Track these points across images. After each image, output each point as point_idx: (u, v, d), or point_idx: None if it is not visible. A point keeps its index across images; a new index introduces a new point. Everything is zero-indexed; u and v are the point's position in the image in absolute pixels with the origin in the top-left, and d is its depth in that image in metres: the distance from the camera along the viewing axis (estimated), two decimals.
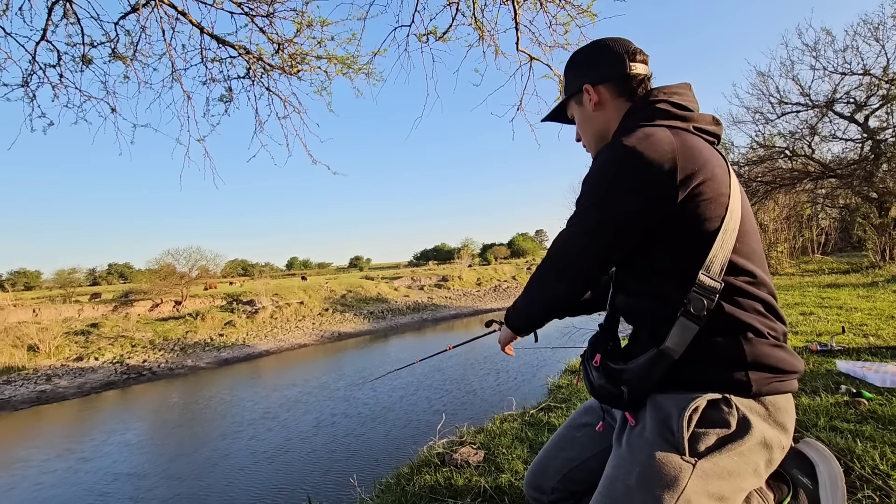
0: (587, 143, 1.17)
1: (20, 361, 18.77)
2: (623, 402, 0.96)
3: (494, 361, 16.36)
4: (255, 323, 25.68)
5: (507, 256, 57.56)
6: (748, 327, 0.89)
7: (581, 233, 0.95)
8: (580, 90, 1.10)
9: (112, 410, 15.31)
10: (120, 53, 3.78)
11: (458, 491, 1.96)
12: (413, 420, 11.49)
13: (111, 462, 10.59)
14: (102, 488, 9.22)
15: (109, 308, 24.70)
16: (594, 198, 0.93)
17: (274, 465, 9.53)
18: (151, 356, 20.87)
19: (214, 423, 13.06)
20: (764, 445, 0.87)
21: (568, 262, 0.98)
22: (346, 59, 4.13)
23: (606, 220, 0.91)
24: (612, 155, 0.90)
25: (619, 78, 1.06)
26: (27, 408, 15.78)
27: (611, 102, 1.07)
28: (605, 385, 0.98)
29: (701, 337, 0.88)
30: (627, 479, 0.89)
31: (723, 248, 0.89)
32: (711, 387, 0.88)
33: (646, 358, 0.91)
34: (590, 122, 1.12)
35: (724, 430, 0.86)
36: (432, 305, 33.44)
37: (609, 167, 0.91)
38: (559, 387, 3.47)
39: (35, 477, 10.05)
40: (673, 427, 0.88)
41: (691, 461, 0.84)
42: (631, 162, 0.87)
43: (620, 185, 0.89)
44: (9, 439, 12.93)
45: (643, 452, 0.89)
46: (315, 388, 15.66)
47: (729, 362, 0.88)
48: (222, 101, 4.15)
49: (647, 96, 1.02)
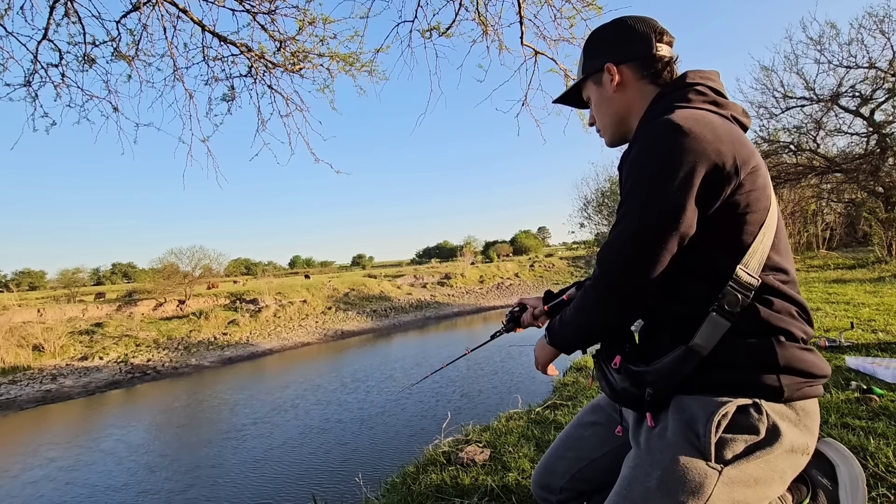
0: (603, 127, 1.09)
1: (25, 361, 18.86)
2: (647, 405, 0.91)
3: (496, 359, 16.35)
4: (259, 322, 25.73)
5: (510, 254, 57.45)
6: (780, 329, 0.84)
7: (643, 233, 0.83)
8: (601, 69, 1.03)
9: (117, 410, 15.38)
10: (122, 52, 3.76)
11: (465, 490, 1.94)
12: (418, 418, 11.49)
13: (116, 460, 10.64)
14: (111, 484, 9.27)
15: (114, 308, 24.78)
16: (652, 188, 0.82)
17: (278, 464, 9.55)
18: (156, 355, 20.94)
19: (219, 422, 13.10)
20: (792, 452, 0.84)
21: (632, 273, 0.84)
22: (348, 56, 4.11)
23: (671, 212, 0.80)
24: (663, 136, 0.82)
25: (644, 58, 0.99)
26: (32, 407, 15.86)
27: (633, 84, 1.01)
28: (628, 388, 0.93)
29: (731, 338, 0.83)
30: (647, 481, 0.85)
31: (762, 242, 0.85)
32: (741, 390, 0.84)
33: (672, 357, 0.86)
34: (609, 104, 1.04)
35: (753, 436, 0.82)
36: (435, 303, 33.43)
37: (664, 150, 0.81)
38: (564, 384, 3.45)
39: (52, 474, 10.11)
40: (699, 431, 0.83)
41: (717, 467, 0.81)
42: (689, 144, 0.79)
43: (682, 171, 0.79)
44: (14, 439, 13.01)
45: (665, 455, 0.85)
46: (318, 386, 15.69)
47: (760, 366, 0.83)
48: (224, 99, 4.14)
49: (681, 78, 0.96)
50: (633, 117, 1.02)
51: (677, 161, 0.80)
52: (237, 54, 4.01)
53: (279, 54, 4.07)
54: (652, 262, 0.83)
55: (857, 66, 12.70)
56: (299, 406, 13.62)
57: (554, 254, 54.90)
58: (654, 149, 0.82)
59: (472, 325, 28.64)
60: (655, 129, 0.84)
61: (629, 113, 1.02)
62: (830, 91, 13.46)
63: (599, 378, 1.03)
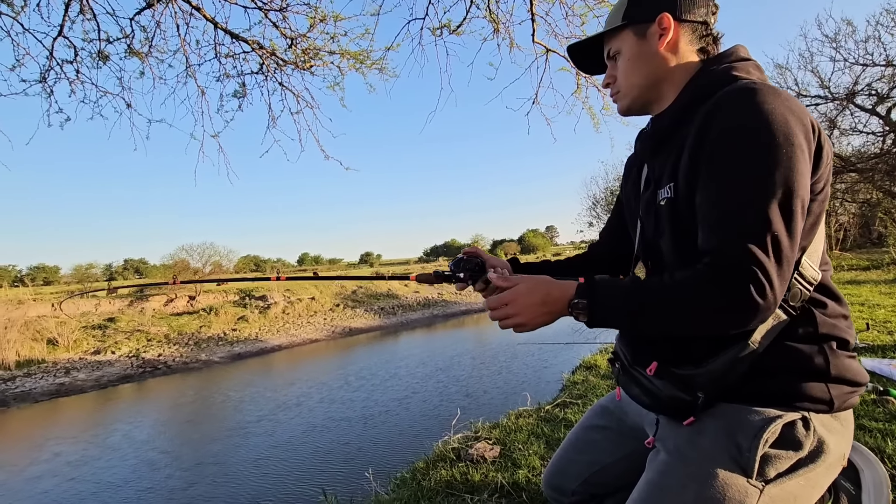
0: (628, 87, 0.93)
1: (40, 354, 19.18)
2: (697, 410, 0.82)
3: (501, 359, 16.33)
4: (268, 318, 25.92)
5: (518, 252, 57.35)
6: (834, 337, 0.79)
7: (766, 222, 0.67)
8: (651, 19, 0.87)
9: (129, 403, 15.60)
10: (135, 49, 3.80)
11: (475, 486, 1.94)
12: (426, 415, 11.52)
13: (125, 454, 10.79)
14: (112, 482, 9.40)
15: (125, 303, 25.11)
16: (766, 170, 0.68)
17: (287, 459, 9.62)
18: (166, 350, 21.19)
19: (228, 417, 13.22)
20: (832, 466, 0.80)
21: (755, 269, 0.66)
22: (359, 54, 4.11)
23: (794, 193, 0.68)
24: (758, 107, 0.70)
25: (704, 24, 0.87)
26: (46, 400, 16.13)
27: (683, 48, 0.88)
28: (678, 395, 0.82)
29: (785, 343, 0.78)
30: (682, 494, 0.79)
31: (819, 236, 0.79)
32: (791, 402, 0.78)
33: (728, 357, 0.78)
34: (647, 62, 0.89)
35: (798, 453, 0.77)
36: (443, 301, 33.46)
37: (765, 121, 0.69)
38: (574, 383, 3.43)
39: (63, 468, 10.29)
40: (742, 444, 0.77)
41: (759, 485, 0.76)
42: (787, 116, 0.69)
43: (791, 148, 0.68)
44: (26, 433, 13.25)
45: (702, 468, 0.79)
46: (325, 384, 15.78)
47: (813, 375, 0.78)
48: (236, 96, 4.17)
49: (735, 50, 0.86)
50: (667, 85, 0.90)
51: (789, 139, 0.68)
52: (249, 51, 4.03)
53: (290, 51, 4.09)
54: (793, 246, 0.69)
55: (873, 64, 12.47)
56: (307, 403, 13.71)
57: (562, 252, 54.67)
58: (754, 127, 0.70)
59: (479, 323, 28.63)
60: (746, 93, 0.72)
61: (665, 79, 0.89)
62: (846, 89, 13.22)
63: (628, 385, 0.93)
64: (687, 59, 0.88)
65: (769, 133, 0.69)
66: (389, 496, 2.04)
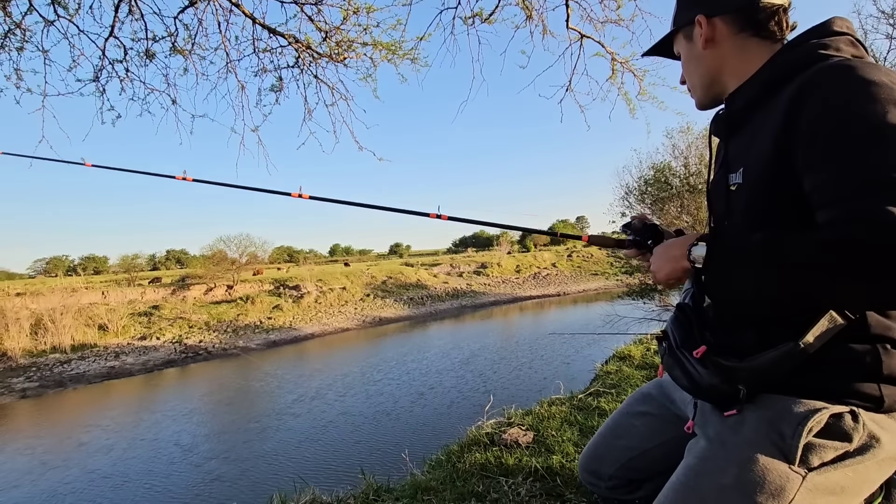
0: (692, 87, 0.99)
1: (92, 339, 20.42)
2: (739, 403, 0.82)
3: (532, 347, 16.27)
4: (301, 307, 26.67)
5: (548, 243, 56.64)
6: (888, 337, 0.75)
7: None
8: (691, 21, 0.91)
9: (175, 386, 16.44)
10: (179, 47, 3.96)
11: (510, 469, 1.98)
12: (457, 402, 11.70)
13: (172, 433, 11.42)
14: (168, 457, 9.98)
15: (168, 291, 26.34)
16: (889, 138, 0.64)
17: (326, 439, 10.02)
18: (207, 337, 22.15)
19: (267, 401, 13.77)
20: (886, 462, 0.78)
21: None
22: (391, 45, 4.15)
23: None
24: (861, 80, 0.68)
25: (746, 8, 0.86)
26: (99, 382, 17.19)
27: (729, 39, 0.88)
28: (718, 385, 0.81)
29: (836, 342, 0.75)
30: (722, 477, 0.80)
31: None
32: (838, 396, 0.77)
33: (775, 355, 0.76)
34: (698, 62, 0.93)
35: (845, 444, 0.76)
36: (471, 292, 33.53)
37: (873, 94, 0.66)
38: (607, 372, 3.42)
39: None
40: (785, 432, 0.77)
41: (801, 472, 0.75)
42: (893, 86, 0.66)
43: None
44: (84, 411, 14.17)
45: (743, 453, 0.79)
46: (359, 371, 16.15)
47: (863, 374, 0.75)
48: (273, 90, 4.29)
49: (828, 24, 0.82)
50: (727, 76, 0.91)
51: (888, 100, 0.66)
52: (285, 45, 4.13)
53: (325, 44, 4.17)
54: None
55: None
56: (342, 388, 14.10)
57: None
58: (863, 108, 0.67)
59: (507, 314, 28.57)
60: (843, 70, 0.70)
61: (721, 72, 0.91)
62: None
63: (671, 367, 0.91)
64: (740, 47, 0.88)
65: (881, 104, 0.66)
66: (425, 476, 2.10)
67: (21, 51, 3.65)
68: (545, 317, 27.14)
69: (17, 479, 9.40)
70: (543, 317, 27.15)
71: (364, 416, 11.32)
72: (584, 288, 36.49)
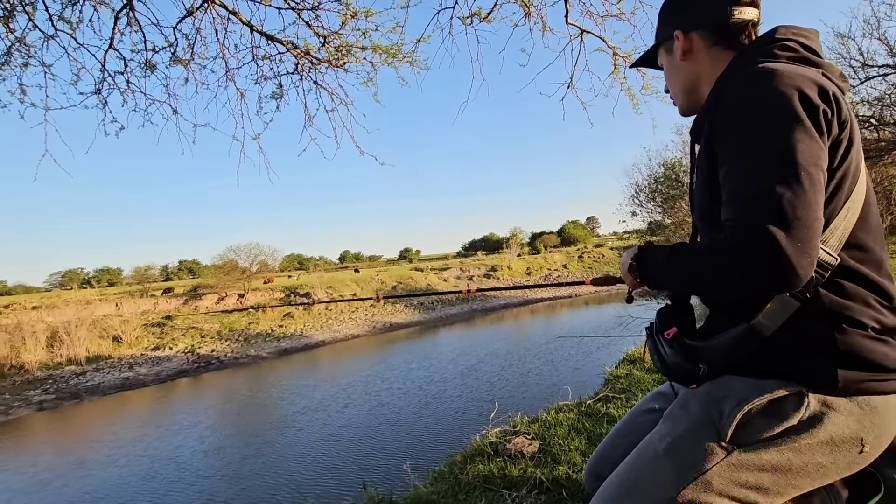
0: (675, 95, 1.08)
1: (106, 351, 20.67)
2: (699, 380, 0.88)
3: (541, 351, 16.10)
4: (312, 314, 26.76)
5: (558, 245, 56.29)
6: (845, 316, 0.77)
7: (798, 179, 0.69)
8: (670, 36, 1.00)
9: (186, 397, 16.53)
10: (179, 57, 3.96)
11: (513, 482, 1.89)
12: (463, 410, 11.55)
13: (173, 449, 11.45)
14: (166, 475, 10.00)
15: (181, 301, 26.61)
16: (765, 142, 0.72)
17: (328, 453, 9.94)
18: (219, 346, 22.30)
19: (274, 410, 13.77)
20: (833, 445, 0.78)
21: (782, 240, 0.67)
22: (390, 48, 4.11)
23: (795, 163, 0.69)
24: (755, 83, 0.76)
25: (718, 24, 0.94)
26: (113, 393, 17.36)
27: (704, 52, 0.97)
28: (680, 363, 0.88)
29: (792, 321, 0.78)
30: (658, 445, 0.88)
31: (846, 218, 0.79)
32: (790, 377, 0.79)
33: (731, 335, 0.81)
34: (678, 73, 1.02)
35: (783, 424, 0.78)
36: (482, 296, 33.39)
37: (761, 96, 0.74)
38: (617, 377, 3.31)
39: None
40: (724, 410, 0.82)
41: (727, 447, 0.80)
42: (785, 89, 0.73)
43: (791, 118, 0.71)
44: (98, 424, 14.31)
45: (681, 425, 0.87)
46: (365, 378, 16.10)
47: (816, 353, 0.78)
48: (273, 97, 4.27)
49: (770, 33, 0.89)
50: (704, 86, 0.98)
51: (785, 99, 0.73)
52: (284, 52, 4.11)
53: (323, 49, 4.14)
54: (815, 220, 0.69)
55: None
56: (348, 397, 14.05)
57: (604, 244, 53.16)
58: (756, 105, 0.75)
59: (518, 317, 28.38)
60: (742, 79, 0.79)
61: (699, 81, 0.99)
62: None
63: (652, 351, 1.00)
64: (714, 59, 0.95)
65: (765, 105, 0.74)
66: (427, 489, 2.03)
67: (26, 66, 3.67)
68: (556, 319, 26.91)
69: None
70: (554, 319, 26.93)
71: (367, 427, 11.24)
72: (596, 289, 36.15)
